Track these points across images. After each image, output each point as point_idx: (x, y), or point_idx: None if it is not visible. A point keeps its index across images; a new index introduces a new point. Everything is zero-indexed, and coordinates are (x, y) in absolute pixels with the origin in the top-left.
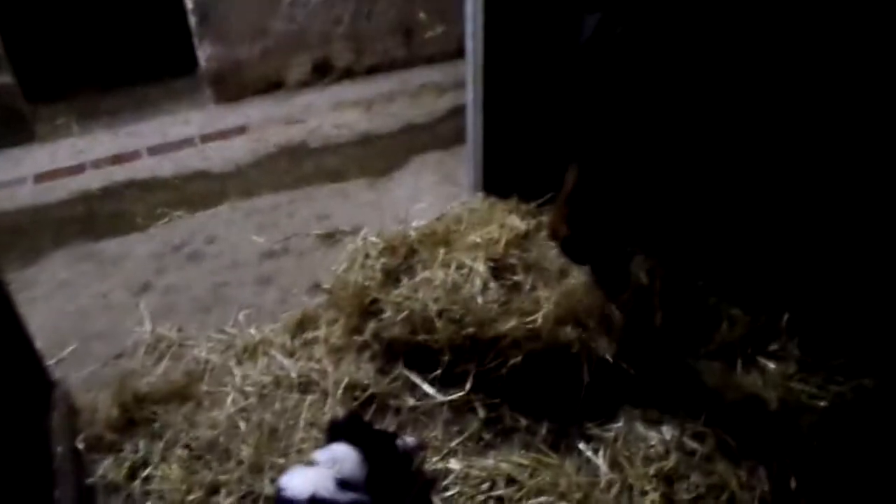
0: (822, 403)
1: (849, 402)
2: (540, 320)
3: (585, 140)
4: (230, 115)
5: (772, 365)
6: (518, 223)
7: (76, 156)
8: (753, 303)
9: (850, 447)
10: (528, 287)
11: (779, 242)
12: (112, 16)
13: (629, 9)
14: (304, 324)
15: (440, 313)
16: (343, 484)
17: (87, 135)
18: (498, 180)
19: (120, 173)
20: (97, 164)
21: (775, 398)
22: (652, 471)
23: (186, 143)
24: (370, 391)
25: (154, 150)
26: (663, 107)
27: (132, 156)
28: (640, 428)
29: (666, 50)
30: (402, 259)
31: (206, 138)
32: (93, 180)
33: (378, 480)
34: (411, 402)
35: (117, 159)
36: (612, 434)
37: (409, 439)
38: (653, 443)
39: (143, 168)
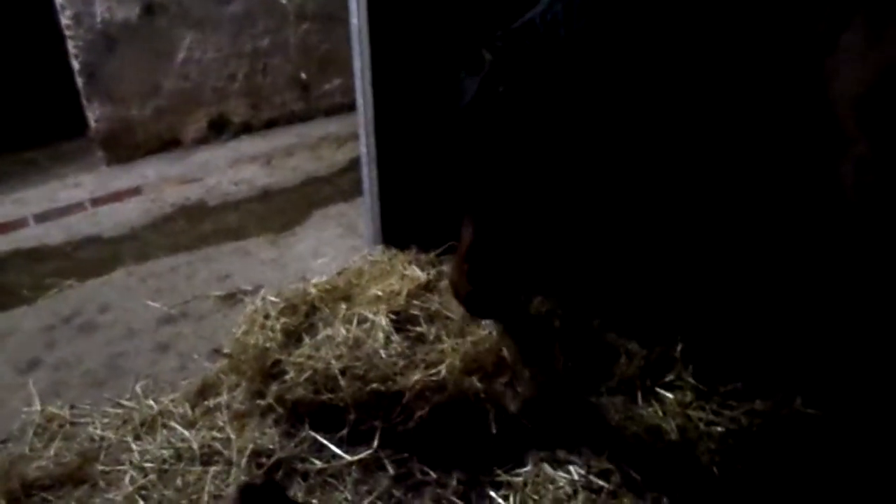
0: (719, 429)
1: (743, 426)
2: (444, 372)
3: (478, 196)
4: (123, 177)
5: (669, 395)
6: (419, 273)
7: None
8: (648, 336)
9: (748, 470)
10: (431, 338)
11: (668, 273)
12: None
13: (511, 70)
14: (204, 391)
15: (344, 371)
16: None
17: None
18: (397, 231)
19: (4, 243)
20: None
21: (675, 428)
22: None
23: (76, 207)
24: (276, 457)
25: (41, 217)
26: (547, 156)
27: (17, 224)
28: (548, 470)
29: (548, 104)
30: (303, 317)
31: (97, 201)
32: None
33: None
34: (319, 464)
35: (1, 228)
36: (521, 479)
37: None
38: (561, 484)
39: (30, 236)
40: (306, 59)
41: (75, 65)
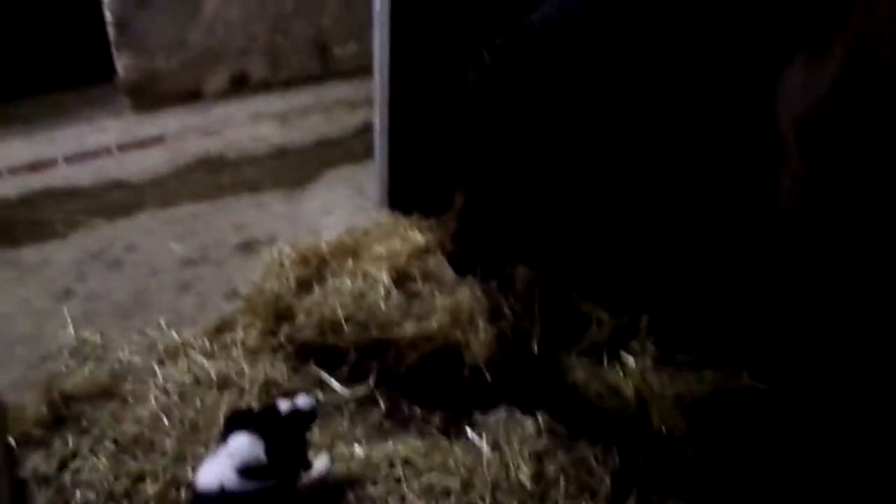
0: (671, 392)
1: (694, 393)
2: (434, 325)
3: (471, 169)
4: (148, 125)
5: (631, 359)
6: (419, 237)
7: None
8: (620, 308)
9: (694, 431)
10: (425, 294)
11: (643, 254)
12: (29, 22)
13: (504, 69)
14: (222, 328)
15: (348, 318)
16: (246, 471)
17: (3, 141)
18: (402, 197)
19: (37, 181)
20: (13, 171)
21: (632, 388)
22: (526, 451)
23: (104, 151)
24: (283, 388)
25: (71, 159)
26: (533, 140)
27: (49, 163)
28: (517, 415)
29: (536, 95)
30: (314, 269)
31: (123, 147)
32: (9, 187)
33: (277, 453)
34: (321, 397)
35: (34, 167)
36: (494, 420)
37: (301, 399)
38: (528, 427)
39: (61, 176)
40: (326, 23)
41: (108, 16)
